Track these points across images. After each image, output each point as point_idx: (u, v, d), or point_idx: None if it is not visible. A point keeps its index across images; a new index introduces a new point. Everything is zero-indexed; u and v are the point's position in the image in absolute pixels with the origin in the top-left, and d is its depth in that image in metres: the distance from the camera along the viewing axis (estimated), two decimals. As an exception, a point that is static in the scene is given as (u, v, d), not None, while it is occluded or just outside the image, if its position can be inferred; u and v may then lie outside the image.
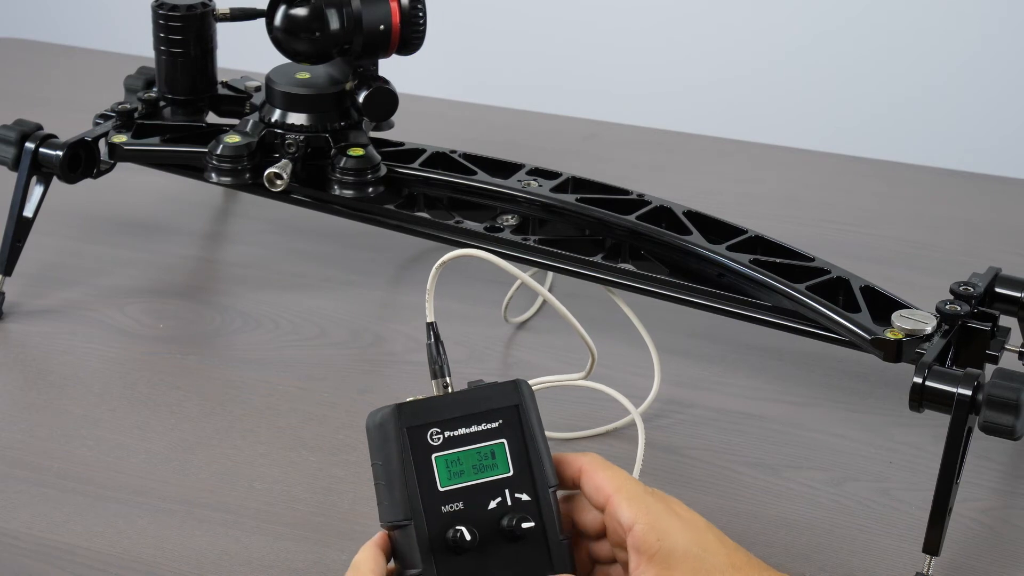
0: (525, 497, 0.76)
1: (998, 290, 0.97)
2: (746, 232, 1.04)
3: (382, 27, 1.08)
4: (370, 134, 1.14)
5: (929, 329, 0.92)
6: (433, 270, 0.80)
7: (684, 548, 0.72)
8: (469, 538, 0.74)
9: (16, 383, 1.08)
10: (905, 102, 2.15)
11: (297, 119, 1.10)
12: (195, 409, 1.04)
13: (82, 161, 1.15)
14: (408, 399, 0.77)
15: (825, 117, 2.18)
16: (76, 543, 0.91)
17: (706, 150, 1.51)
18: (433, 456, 0.75)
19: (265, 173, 1.09)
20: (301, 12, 1.07)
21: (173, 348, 1.12)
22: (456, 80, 2.23)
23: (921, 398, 0.87)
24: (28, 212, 1.14)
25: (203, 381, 1.08)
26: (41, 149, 1.13)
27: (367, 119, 1.12)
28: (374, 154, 1.10)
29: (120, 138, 1.15)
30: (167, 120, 1.17)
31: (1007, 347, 0.94)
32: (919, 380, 0.86)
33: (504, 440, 0.77)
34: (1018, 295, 0.97)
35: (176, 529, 0.92)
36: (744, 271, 1.00)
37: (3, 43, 1.77)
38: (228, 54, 1.24)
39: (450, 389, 0.79)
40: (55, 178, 1.15)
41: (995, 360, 0.93)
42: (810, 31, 2.17)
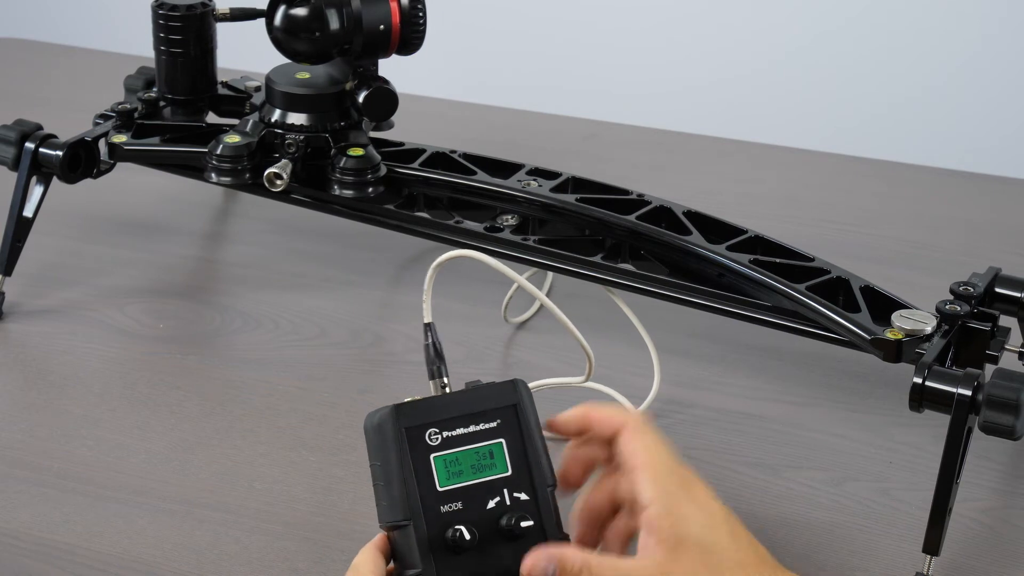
0: (524, 496, 0.76)
1: (998, 290, 0.97)
2: (746, 232, 1.04)
3: (382, 27, 1.08)
4: (370, 134, 1.14)
5: (929, 329, 0.92)
6: (430, 271, 0.80)
7: (694, 538, 0.72)
8: (468, 537, 0.74)
9: (16, 383, 1.08)
10: (905, 102, 2.15)
11: (297, 119, 1.10)
12: (195, 409, 1.04)
13: (82, 161, 1.15)
14: (406, 399, 0.77)
15: (825, 117, 2.17)
16: (76, 543, 0.91)
17: (706, 150, 1.51)
18: (432, 456, 0.75)
19: (265, 173, 1.09)
20: (301, 12, 1.07)
21: (173, 348, 1.12)
22: (456, 80, 2.23)
23: (921, 398, 0.87)
24: (28, 212, 1.14)
25: (203, 381, 1.08)
26: (41, 149, 1.13)
27: (367, 119, 1.12)
28: (374, 154, 1.10)
29: (120, 138, 1.15)
30: (167, 120, 1.17)
31: (1007, 347, 0.94)
32: (919, 380, 0.86)
33: (502, 440, 0.77)
34: (1018, 295, 0.97)
35: (176, 529, 0.92)
36: (744, 271, 1.00)
37: (3, 43, 1.77)
38: (228, 54, 1.24)
39: (448, 389, 0.79)
40: (55, 178, 1.15)
41: (995, 360, 0.93)
42: (810, 31, 2.17)
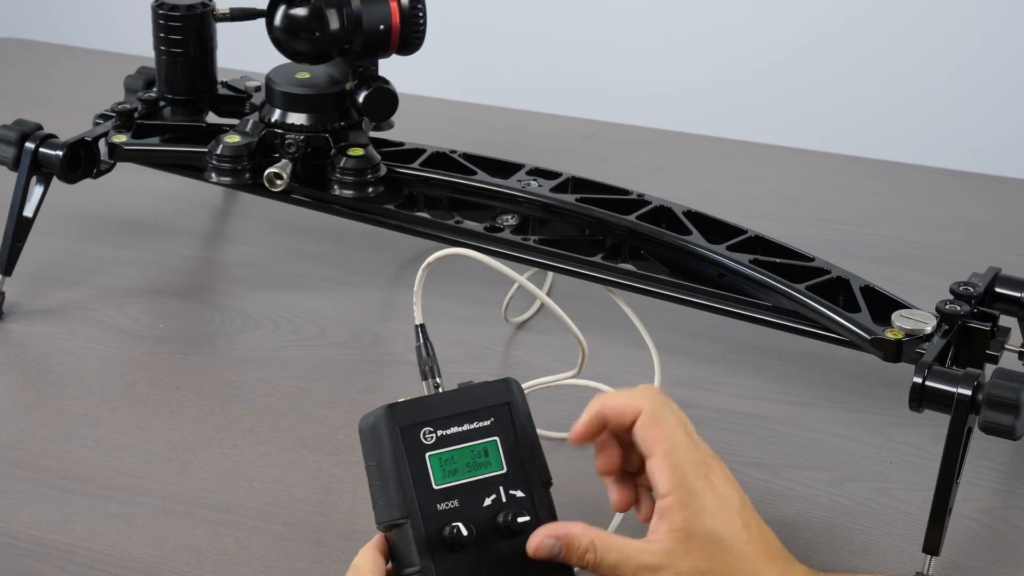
0: (519, 493, 0.77)
1: (998, 290, 0.97)
2: (746, 232, 1.04)
3: (382, 27, 1.08)
4: (370, 134, 1.14)
5: (929, 329, 0.92)
6: (420, 272, 0.80)
7: (706, 532, 0.73)
8: (466, 535, 0.74)
9: (16, 383, 1.08)
10: (905, 102, 2.15)
11: (297, 119, 1.10)
12: (195, 409, 1.04)
13: (82, 161, 1.15)
14: (400, 400, 0.77)
15: (825, 117, 2.17)
16: (76, 543, 0.91)
17: (706, 150, 1.51)
18: (427, 455, 0.76)
19: (265, 173, 1.08)
20: (301, 12, 1.07)
21: (173, 348, 1.12)
22: (456, 80, 2.23)
23: (921, 398, 0.87)
24: (28, 212, 1.14)
25: (203, 381, 1.08)
26: (41, 149, 1.13)
27: (367, 119, 1.12)
28: (374, 154, 1.10)
29: (120, 138, 1.15)
30: (167, 120, 1.17)
31: (1007, 347, 0.94)
32: (919, 380, 0.86)
33: (496, 438, 0.77)
34: (1018, 295, 0.97)
35: (176, 529, 0.92)
36: (744, 271, 1.00)
37: (3, 43, 1.77)
38: (228, 54, 1.24)
39: (440, 389, 0.80)
40: (55, 178, 1.15)
41: (995, 360, 0.93)
42: (810, 31, 2.17)
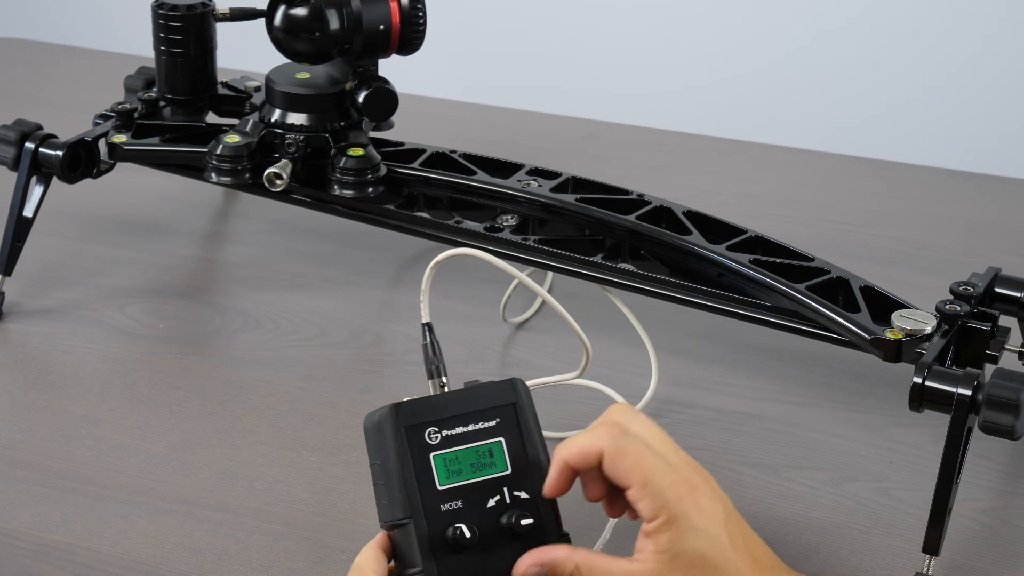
0: (523, 495, 0.77)
1: (998, 290, 0.97)
2: (746, 232, 1.04)
3: (382, 27, 1.08)
4: (370, 134, 1.14)
5: (929, 329, 0.92)
6: (428, 270, 0.80)
7: (691, 552, 0.72)
8: (469, 536, 0.74)
9: (16, 383, 1.08)
10: (905, 102, 2.15)
11: (297, 119, 1.10)
12: (195, 409, 1.04)
13: (82, 161, 1.15)
14: (405, 399, 0.77)
15: (825, 117, 2.17)
16: (76, 543, 0.91)
17: (706, 150, 1.51)
18: (431, 455, 0.75)
19: (265, 173, 1.08)
20: (301, 12, 1.07)
21: (173, 348, 1.12)
22: (456, 80, 2.23)
23: (921, 398, 0.86)
24: (28, 212, 1.14)
25: (203, 381, 1.08)
26: (41, 149, 1.13)
27: (367, 119, 1.12)
28: (374, 154, 1.10)
29: (120, 138, 1.15)
30: (167, 120, 1.17)
31: (1007, 347, 0.94)
32: (919, 380, 0.86)
33: (501, 438, 0.77)
34: (1018, 295, 0.97)
35: (176, 529, 0.92)
36: (744, 271, 1.00)
37: (3, 43, 1.77)
38: (228, 54, 1.24)
39: (446, 388, 0.79)
40: (55, 178, 1.15)
41: (995, 360, 0.93)
42: (810, 31, 2.17)
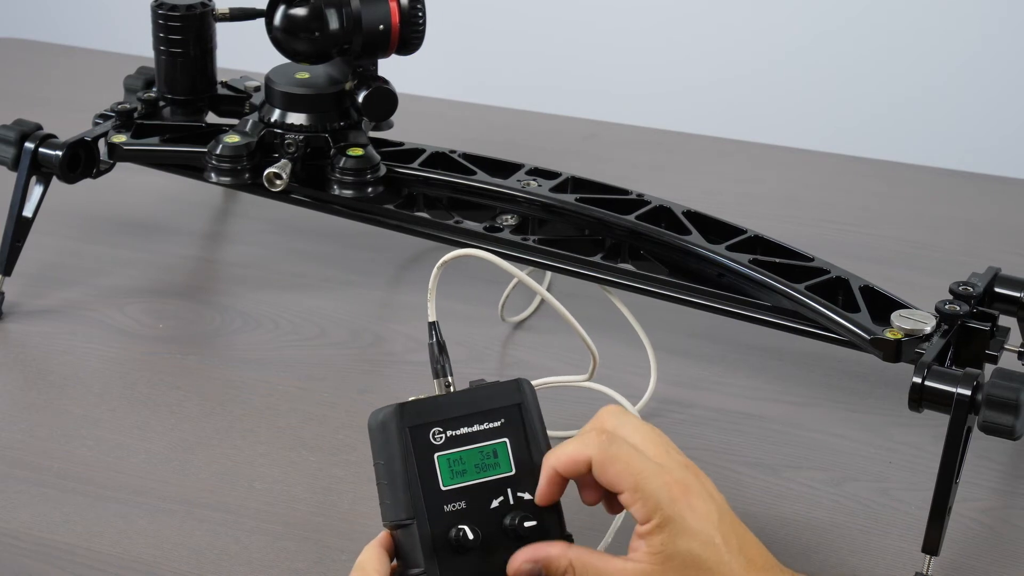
0: (527, 496, 0.76)
1: (998, 290, 0.97)
2: (746, 232, 1.04)
3: (382, 27, 1.08)
4: (370, 134, 1.14)
5: (928, 329, 0.92)
6: (435, 269, 0.80)
7: (684, 553, 0.73)
8: (472, 537, 0.74)
9: (16, 383, 1.08)
10: (905, 102, 2.15)
11: (297, 119, 1.10)
12: (195, 409, 1.04)
13: (82, 161, 1.15)
14: (410, 399, 0.77)
15: (825, 117, 2.17)
16: (76, 543, 0.91)
17: (706, 150, 1.51)
18: (435, 455, 0.75)
19: (265, 173, 1.08)
20: (301, 12, 1.07)
21: (173, 348, 1.12)
22: (456, 80, 2.23)
23: (920, 398, 0.86)
24: (28, 212, 1.14)
25: (203, 381, 1.08)
26: (41, 149, 1.13)
27: (367, 119, 1.12)
28: (374, 154, 1.10)
29: (120, 138, 1.15)
30: (167, 120, 1.17)
31: (1007, 347, 0.94)
32: (918, 380, 0.86)
33: (506, 439, 0.77)
34: (1018, 295, 0.97)
35: (176, 529, 0.92)
36: (744, 271, 1.00)
37: (3, 43, 1.77)
38: (228, 54, 1.24)
39: (452, 388, 0.79)
40: (55, 178, 1.15)
41: (995, 360, 0.93)
42: (810, 31, 2.17)
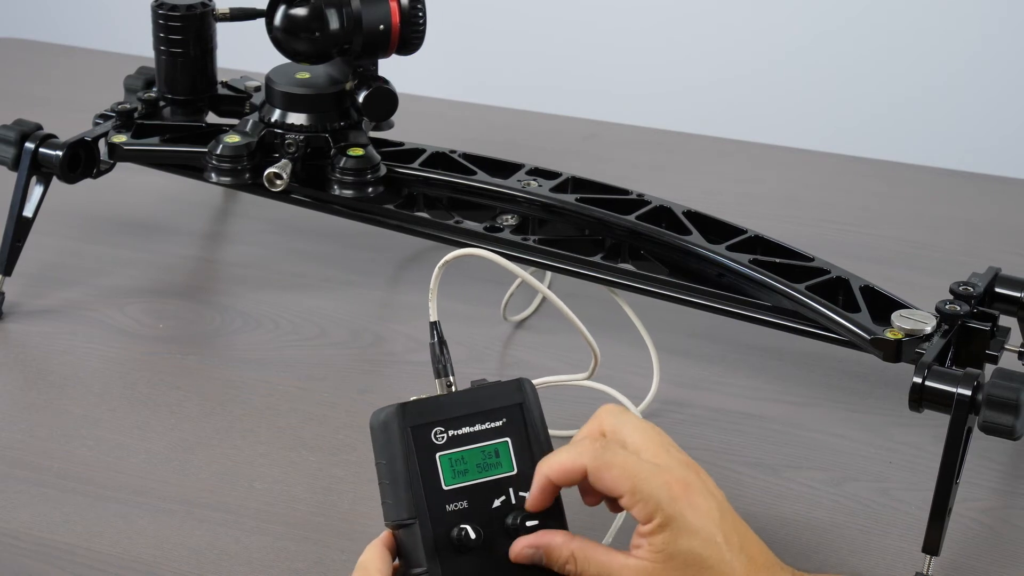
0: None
1: (998, 290, 0.97)
2: (746, 232, 1.04)
3: (382, 27, 1.08)
4: (370, 134, 1.14)
5: (929, 329, 0.92)
6: (436, 269, 0.80)
7: (686, 552, 0.73)
8: (473, 537, 0.74)
9: (16, 383, 1.08)
10: (905, 102, 2.15)
11: (297, 119, 1.10)
12: (195, 409, 1.04)
13: (82, 161, 1.15)
14: (412, 398, 0.77)
15: (825, 117, 2.17)
16: (76, 543, 0.91)
17: (706, 150, 1.51)
18: (437, 455, 0.75)
19: (265, 173, 1.08)
20: (301, 12, 1.07)
21: (173, 348, 1.11)
22: (456, 80, 2.23)
23: (921, 398, 0.87)
24: (28, 212, 1.14)
25: (203, 381, 1.08)
26: (41, 149, 1.13)
27: (367, 119, 1.12)
28: (374, 154, 1.10)
29: (120, 138, 1.15)
30: (167, 120, 1.17)
31: (1007, 347, 0.94)
32: (919, 380, 0.86)
33: (508, 439, 0.77)
34: (1018, 295, 0.97)
35: (176, 529, 0.92)
36: (744, 271, 1.00)
37: (3, 43, 1.77)
38: (228, 54, 1.24)
39: (453, 388, 0.79)
40: (55, 178, 1.15)
41: (995, 360, 0.93)
42: (810, 31, 2.17)
